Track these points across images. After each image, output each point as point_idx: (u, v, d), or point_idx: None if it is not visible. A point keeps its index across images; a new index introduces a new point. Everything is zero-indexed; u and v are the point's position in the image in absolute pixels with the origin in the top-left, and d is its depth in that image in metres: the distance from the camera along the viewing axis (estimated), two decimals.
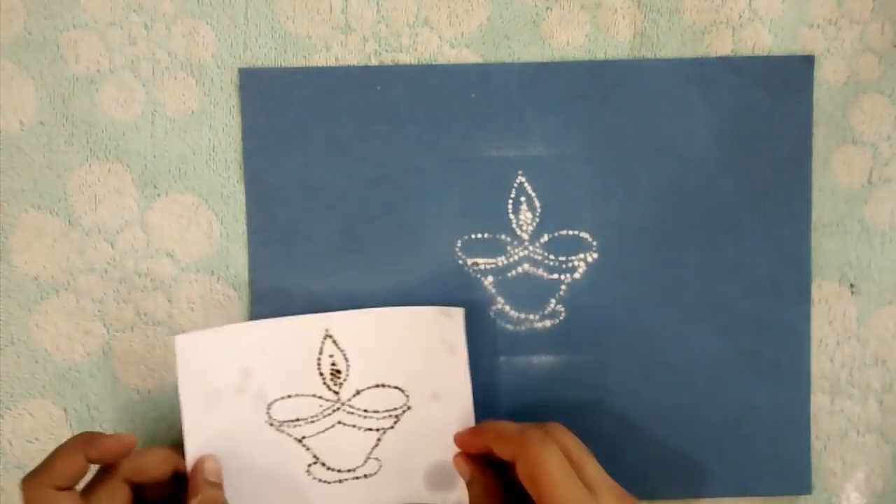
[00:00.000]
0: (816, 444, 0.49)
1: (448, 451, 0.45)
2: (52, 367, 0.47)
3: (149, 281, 0.47)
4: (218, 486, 0.42)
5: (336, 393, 0.45)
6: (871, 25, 0.47)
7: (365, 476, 0.45)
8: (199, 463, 0.42)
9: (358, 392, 0.45)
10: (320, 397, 0.45)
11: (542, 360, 0.47)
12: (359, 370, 0.45)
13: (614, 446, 0.48)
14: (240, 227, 0.47)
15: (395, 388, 0.45)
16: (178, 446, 0.47)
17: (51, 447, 0.46)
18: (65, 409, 0.47)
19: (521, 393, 0.47)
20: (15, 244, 0.46)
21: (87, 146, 0.46)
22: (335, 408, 0.45)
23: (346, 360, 0.45)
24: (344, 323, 0.45)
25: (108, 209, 0.46)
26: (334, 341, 0.45)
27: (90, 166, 0.46)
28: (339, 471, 0.45)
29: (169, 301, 0.47)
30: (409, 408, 0.46)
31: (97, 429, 0.47)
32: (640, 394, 0.48)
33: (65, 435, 0.47)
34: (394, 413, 0.45)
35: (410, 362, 0.45)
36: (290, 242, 0.47)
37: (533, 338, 0.47)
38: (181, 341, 0.43)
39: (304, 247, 0.47)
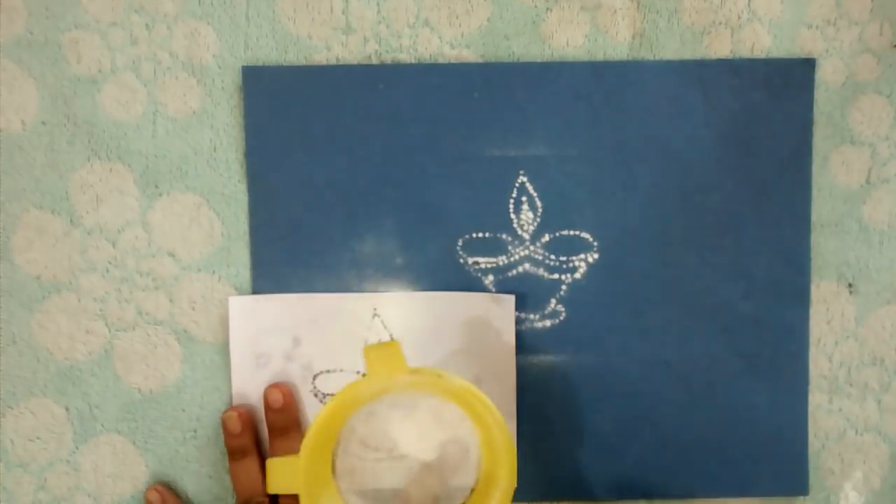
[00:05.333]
0: (815, 442, 0.49)
1: None
2: (54, 365, 0.47)
3: (150, 280, 0.47)
4: (240, 435, 0.45)
5: None
6: (869, 26, 0.47)
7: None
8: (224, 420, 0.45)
9: None
10: (364, 375, 0.46)
11: (542, 359, 0.47)
12: (403, 351, 0.46)
13: (613, 446, 0.48)
14: (241, 226, 0.47)
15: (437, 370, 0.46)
16: (178, 445, 0.47)
17: (52, 446, 0.47)
18: (66, 408, 0.47)
19: (520, 392, 0.47)
20: (17, 243, 0.46)
21: (89, 146, 0.46)
22: None
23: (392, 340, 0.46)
24: (393, 304, 0.46)
25: (110, 209, 0.47)
26: (382, 321, 0.46)
27: (92, 166, 0.46)
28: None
29: (170, 300, 0.47)
30: None
31: (98, 428, 0.47)
32: (639, 394, 0.48)
33: (66, 434, 0.47)
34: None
35: (454, 346, 0.46)
36: (292, 241, 0.47)
37: (533, 337, 0.47)
38: (234, 302, 0.46)
39: (306, 245, 0.47)
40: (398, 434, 0.38)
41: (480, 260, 0.47)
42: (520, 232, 0.47)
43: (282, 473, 0.37)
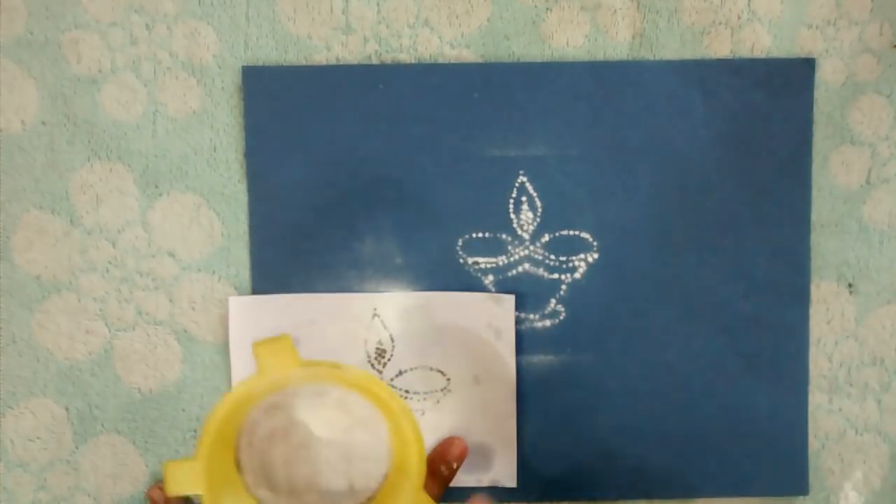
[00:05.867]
0: (815, 442, 0.49)
1: (485, 433, 0.47)
2: (54, 365, 0.47)
3: (150, 280, 0.47)
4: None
5: (380, 372, 0.47)
6: (869, 26, 0.47)
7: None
8: None
9: (401, 372, 0.47)
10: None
11: (542, 359, 0.47)
12: (403, 351, 0.46)
13: (613, 446, 0.48)
14: (241, 226, 0.47)
15: (437, 370, 0.47)
16: (178, 445, 0.47)
17: (52, 446, 0.47)
18: (66, 408, 0.47)
19: (520, 392, 0.47)
20: (17, 243, 0.46)
21: (89, 146, 0.46)
22: None
23: (392, 340, 0.46)
24: (393, 304, 0.46)
25: (110, 209, 0.47)
26: (382, 321, 0.46)
27: (92, 166, 0.46)
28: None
29: (170, 300, 0.47)
30: (448, 391, 0.47)
31: (98, 428, 0.47)
32: (639, 394, 0.48)
33: (66, 434, 0.47)
34: (433, 395, 0.47)
35: (454, 346, 0.46)
36: (292, 241, 0.47)
37: (533, 337, 0.47)
38: (234, 302, 0.46)
39: (306, 245, 0.47)
40: (306, 422, 0.37)
41: (480, 260, 0.47)
42: (520, 232, 0.47)
43: (181, 475, 0.35)
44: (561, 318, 0.47)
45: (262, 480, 0.37)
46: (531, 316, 0.47)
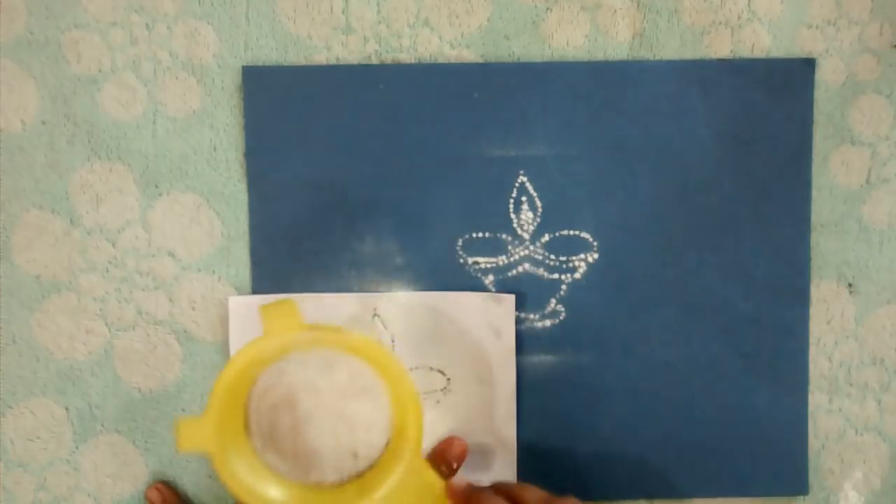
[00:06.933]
0: (815, 442, 0.49)
1: (485, 433, 0.47)
2: (54, 365, 0.47)
3: (150, 280, 0.47)
4: None
5: None
6: (869, 26, 0.47)
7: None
8: None
9: None
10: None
11: (542, 359, 0.47)
12: (403, 351, 0.46)
13: (613, 446, 0.48)
14: (241, 226, 0.47)
15: (437, 370, 0.47)
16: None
17: (52, 446, 0.47)
18: (66, 408, 0.47)
19: (520, 393, 0.47)
20: (17, 243, 0.46)
21: (89, 146, 0.46)
22: None
23: (392, 341, 0.46)
24: (393, 304, 0.46)
25: (110, 208, 0.47)
26: (382, 321, 0.46)
27: (92, 166, 0.46)
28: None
29: (170, 300, 0.47)
30: (448, 390, 0.47)
31: (98, 428, 0.47)
32: (639, 394, 0.48)
33: (66, 434, 0.47)
34: (433, 395, 0.47)
35: (454, 346, 0.46)
36: (292, 241, 0.47)
37: (533, 337, 0.47)
38: (234, 302, 0.46)
39: (306, 245, 0.47)
40: (313, 390, 0.38)
41: (480, 260, 0.47)
42: (520, 232, 0.47)
43: (191, 433, 0.35)
44: (561, 318, 0.47)
45: (269, 446, 0.38)
46: (531, 316, 0.47)
